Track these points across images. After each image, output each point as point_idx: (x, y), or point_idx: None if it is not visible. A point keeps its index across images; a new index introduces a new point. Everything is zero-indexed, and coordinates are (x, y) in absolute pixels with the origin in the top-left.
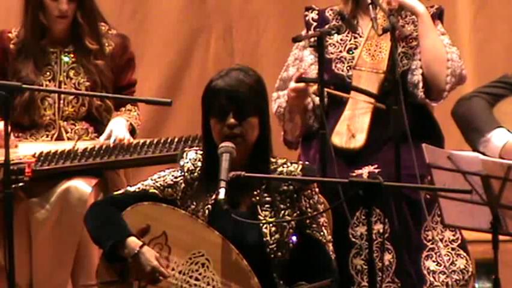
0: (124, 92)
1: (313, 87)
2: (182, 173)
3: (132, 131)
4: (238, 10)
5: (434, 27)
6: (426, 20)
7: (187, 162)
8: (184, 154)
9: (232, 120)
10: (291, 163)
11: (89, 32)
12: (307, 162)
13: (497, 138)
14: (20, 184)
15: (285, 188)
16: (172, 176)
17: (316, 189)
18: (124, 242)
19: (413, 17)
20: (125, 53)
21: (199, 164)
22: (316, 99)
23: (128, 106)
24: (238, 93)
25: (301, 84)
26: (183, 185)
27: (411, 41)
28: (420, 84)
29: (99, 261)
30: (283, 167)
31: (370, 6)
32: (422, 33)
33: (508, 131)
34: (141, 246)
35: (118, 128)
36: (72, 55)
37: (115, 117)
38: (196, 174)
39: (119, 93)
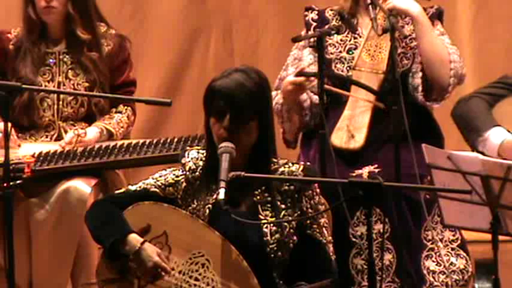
0: (120, 91)
1: (312, 83)
2: (184, 172)
3: (110, 136)
4: (238, 10)
5: (432, 27)
6: (421, 20)
7: (189, 161)
8: (186, 153)
9: (227, 124)
10: (293, 163)
11: (82, 23)
12: (308, 163)
13: (495, 136)
14: (18, 181)
15: (286, 188)
16: (174, 175)
17: (318, 190)
18: (125, 239)
19: None
20: (121, 52)
21: (201, 163)
22: (314, 97)
23: (120, 107)
24: (236, 96)
25: (300, 78)
26: (184, 184)
27: (411, 41)
28: (420, 88)
29: (99, 260)
30: (284, 167)
31: (370, 6)
32: (419, 34)
33: (508, 131)
34: (142, 243)
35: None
36: (70, 56)
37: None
38: (197, 173)
39: (114, 93)
